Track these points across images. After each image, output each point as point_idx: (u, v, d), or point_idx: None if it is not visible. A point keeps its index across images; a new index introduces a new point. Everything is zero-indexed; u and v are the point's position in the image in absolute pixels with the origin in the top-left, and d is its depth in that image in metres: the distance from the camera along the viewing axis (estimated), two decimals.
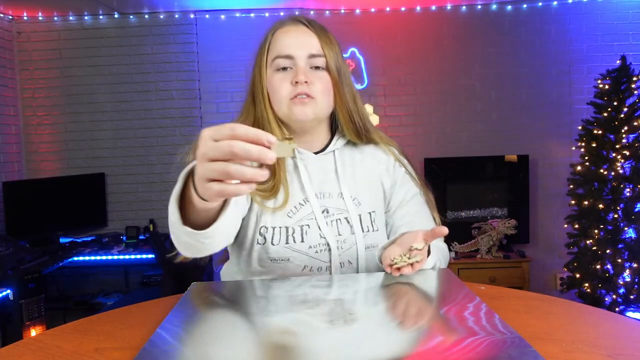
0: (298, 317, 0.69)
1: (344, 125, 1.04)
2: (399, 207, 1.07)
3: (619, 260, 2.80)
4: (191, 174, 0.67)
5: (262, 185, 0.98)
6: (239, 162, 0.56)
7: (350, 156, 1.08)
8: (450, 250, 1.14)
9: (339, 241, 1.01)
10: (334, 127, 1.09)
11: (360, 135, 1.05)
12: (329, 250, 0.99)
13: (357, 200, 1.03)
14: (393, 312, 0.73)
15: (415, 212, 1.06)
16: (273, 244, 0.98)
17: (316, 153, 1.05)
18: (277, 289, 0.85)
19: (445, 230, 0.83)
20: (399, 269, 0.84)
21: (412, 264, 0.84)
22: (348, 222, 1.01)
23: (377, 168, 1.08)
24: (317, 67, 0.99)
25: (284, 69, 0.98)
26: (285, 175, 1.00)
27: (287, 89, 0.97)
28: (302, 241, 0.98)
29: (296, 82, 0.96)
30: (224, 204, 0.71)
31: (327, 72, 0.99)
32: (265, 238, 0.98)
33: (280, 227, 0.98)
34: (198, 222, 0.72)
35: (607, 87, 2.89)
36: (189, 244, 0.76)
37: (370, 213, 1.04)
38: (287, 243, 0.98)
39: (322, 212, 1.01)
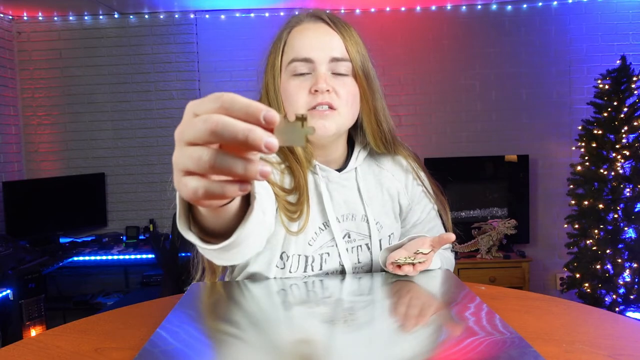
0: (298, 316, 0.69)
1: (372, 137, 0.93)
2: (413, 226, 1.03)
3: (619, 260, 2.80)
4: None
5: (289, 205, 0.86)
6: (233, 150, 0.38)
7: (371, 173, 1.00)
8: (451, 251, 1.12)
9: (357, 268, 0.95)
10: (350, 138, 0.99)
11: (388, 147, 0.95)
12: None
13: (379, 225, 0.97)
14: (393, 312, 0.73)
15: (428, 230, 1.03)
16: (290, 272, 0.91)
17: (339, 170, 0.96)
18: (278, 289, 0.85)
19: (452, 237, 0.80)
20: (400, 266, 0.83)
21: (414, 264, 0.82)
22: (368, 248, 0.95)
23: (396, 186, 1.01)
24: (340, 73, 0.86)
25: (302, 74, 0.85)
26: (308, 192, 0.88)
27: (305, 99, 0.85)
28: (320, 269, 0.92)
29: (315, 91, 0.83)
30: (248, 203, 0.51)
31: (352, 78, 0.87)
32: (284, 264, 0.91)
33: (299, 255, 0.91)
34: (215, 226, 0.53)
35: (607, 87, 2.88)
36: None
37: (389, 236, 0.99)
38: (304, 271, 0.92)
39: (344, 237, 0.93)
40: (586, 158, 2.94)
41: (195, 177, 0.39)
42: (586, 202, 2.88)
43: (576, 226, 2.96)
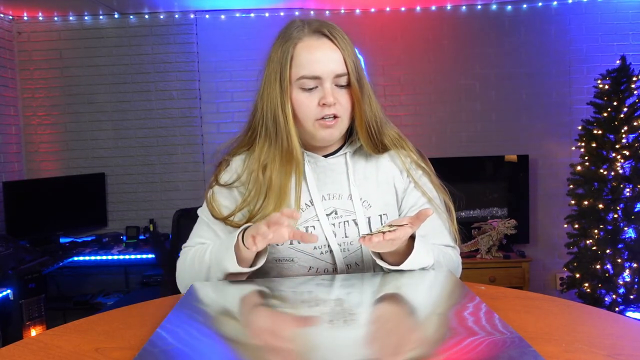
0: (298, 316, 0.69)
1: (362, 138, 1.02)
2: (409, 211, 1.04)
3: (619, 260, 2.80)
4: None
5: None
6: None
7: (364, 158, 1.06)
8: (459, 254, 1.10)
9: (345, 243, 1.00)
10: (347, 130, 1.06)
11: (377, 148, 1.03)
12: (332, 252, 0.99)
13: (367, 203, 1.02)
14: (393, 312, 0.73)
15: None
16: (277, 244, 0.97)
17: (327, 155, 1.05)
18: (278, 289, 0.85)
19: (429, 212, 0.82)
20: (370, 239, 0.82)
21: (383, 233, 0.81)
22: (356, 224, 1.00)
23: (391, 169, 1.06)
24: (341, 85, 0.97)
25: (310, 88, 0.96)
26: (276, 186, 0.98)
27: (314, 110, 0.96)
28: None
29: (324, 104, 0.95)
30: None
31: (348, 88, 0.98)
32: None
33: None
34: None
35: (607, 87, 2.88)
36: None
37: (380, 215, 1.02)
38: (291, 244, 0.98)
39: (331, 213, 1.00)
40: (586, 158, 2.94)
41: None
42: (586, 202, 2.88)
43: (576, 226, 2.95)
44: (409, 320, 0.69)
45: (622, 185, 2.80)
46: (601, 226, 2.84)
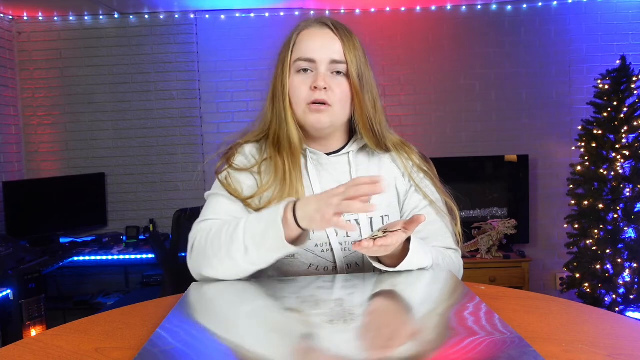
0: (299, 316, 0.69)
1: (364, 133, 1.02)
2: (411, 214, 1.04)
3: (619, 260, 2.80)
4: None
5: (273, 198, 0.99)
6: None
7: (367, 158, 1.07)
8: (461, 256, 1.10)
9: (347, 242, 1.00)
10: (352, 129, 1.07)
11: (380, 144, 1.04)
12: (333, 250, 0.99)
13: (369, 203, 1.02)
14: (393, 312, 0.73)
15: (427, 222, 1.01)
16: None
17: (330, 154, 1.05)
18: (277, 289, 0.85)
19: (422, 217, 0.82)
20: (359, 244, 0.82)
21: (374, 239, 0.81)
22: (358, 224, 1.00)
23: (393, 171, 1.07)
24: (338, 73, 0.98)
25: (305, 70, 0.98)
26: (290, 177, 0.99)
27: (306, 93, 0.97)
28: (309, 238, 0.97)
29: (315, 87, 0.96)
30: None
31: (347, 79, 0.98)
32: None
33: None
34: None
35: (607, 87, 2.88)
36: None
37: (382, 217, 1.02)
38: None
39: None
40: (586, 158, 2.94)
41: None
42: (586, 202, 2.88)
43: (576, 226, 2.96)
44: (408, 320, 0.69)
45: (622, 185, 2.80)
46: (601, 226, 2.84)
